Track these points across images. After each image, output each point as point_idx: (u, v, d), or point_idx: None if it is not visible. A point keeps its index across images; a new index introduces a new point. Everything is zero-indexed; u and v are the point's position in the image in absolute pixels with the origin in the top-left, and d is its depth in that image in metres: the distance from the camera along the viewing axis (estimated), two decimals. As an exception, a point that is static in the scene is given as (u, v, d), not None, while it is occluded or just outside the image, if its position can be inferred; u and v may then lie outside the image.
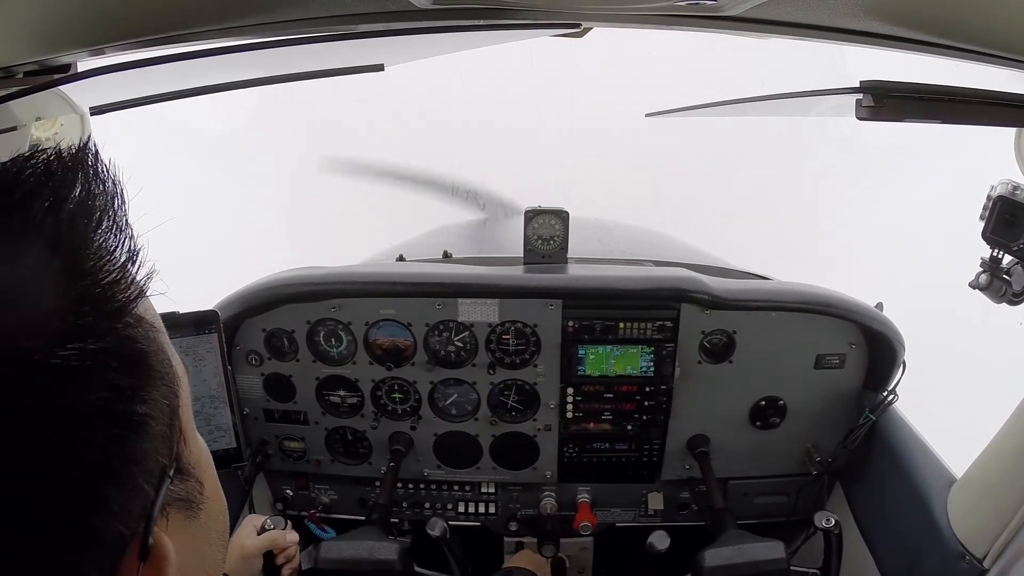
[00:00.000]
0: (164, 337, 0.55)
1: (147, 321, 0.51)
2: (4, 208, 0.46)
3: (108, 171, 0.52)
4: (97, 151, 0.52)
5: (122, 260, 0.50)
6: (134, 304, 0.49)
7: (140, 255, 0.52)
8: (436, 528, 1.85)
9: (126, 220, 0.52)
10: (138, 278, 0.51)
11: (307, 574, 1.78)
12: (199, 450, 0.60)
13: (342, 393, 2.14)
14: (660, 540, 1.80)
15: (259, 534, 1.70)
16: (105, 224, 0.50)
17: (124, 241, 0.51)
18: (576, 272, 2.11)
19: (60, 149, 0.51)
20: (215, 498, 0.62)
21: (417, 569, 1.82)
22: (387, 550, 1.73)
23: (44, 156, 0.50)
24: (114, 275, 0.48)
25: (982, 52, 0.97)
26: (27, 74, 1.02)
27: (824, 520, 1.76)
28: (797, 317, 2.02)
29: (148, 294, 0.52)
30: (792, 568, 1.78)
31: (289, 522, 1.77)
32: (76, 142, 0.53)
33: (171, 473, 0.52)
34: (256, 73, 1.23)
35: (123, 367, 0.47)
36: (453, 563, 1.92)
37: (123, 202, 0.52)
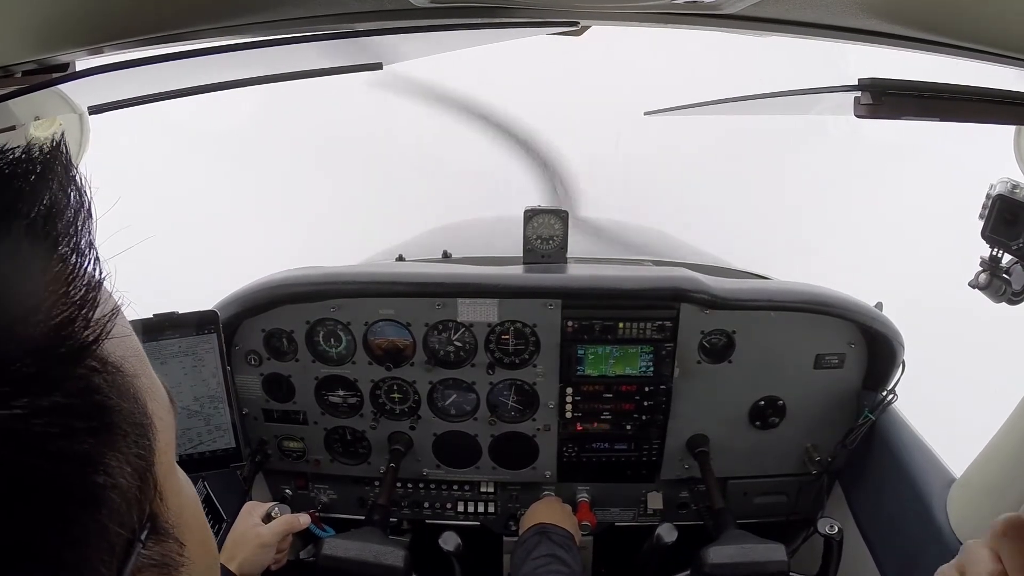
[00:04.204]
0: (140, 379, 0.45)
1: (112, 365, 0.42)
2: None
3: (79, 180, 0.43)
4: (69, 154, 0.43)
5: (81, 292, 0.40)
6: (95, 346, 0.40)
7: (104, 284, 0.42)
8: (450, 543, 1.82)
9: (90, 241, 0.42)
10: (103, 313, 0.41)
11: (303, 565, 1.78)
12: (181, 503, 0.50)
13: (341, 393, 2.14)
14: (668, 532, 1.81)
15: (264, 522, 1.71)
16: (64, 246, 0.40)
17: (86, 267, 0.41)
18: (575, 272, 2.11)
19: (30, 147, 0.41)
20: (202, 553, 0.53)
21: None
22: (393, 556, 1.73)
23: (11, 155, 0.40)
24: (69, 312, 0.39)
25: (981, 50, 0.97)
26: (25, 73, 1.02)
27: (827, 527, 1.76)
28: (796, 317, 2.02)
29: (118, 334, 0.42)
30: (792, 574, 1.77)
31: (289, 508, 1.79)
32: (51, 142, 0.43)
33: (142, 537, 0.43)
34: (255, 72, 1.23)
35: (77, 427, 0.38)
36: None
37: (89, 218, 0.43)
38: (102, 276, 0.43)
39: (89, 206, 0.43)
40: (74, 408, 0.38)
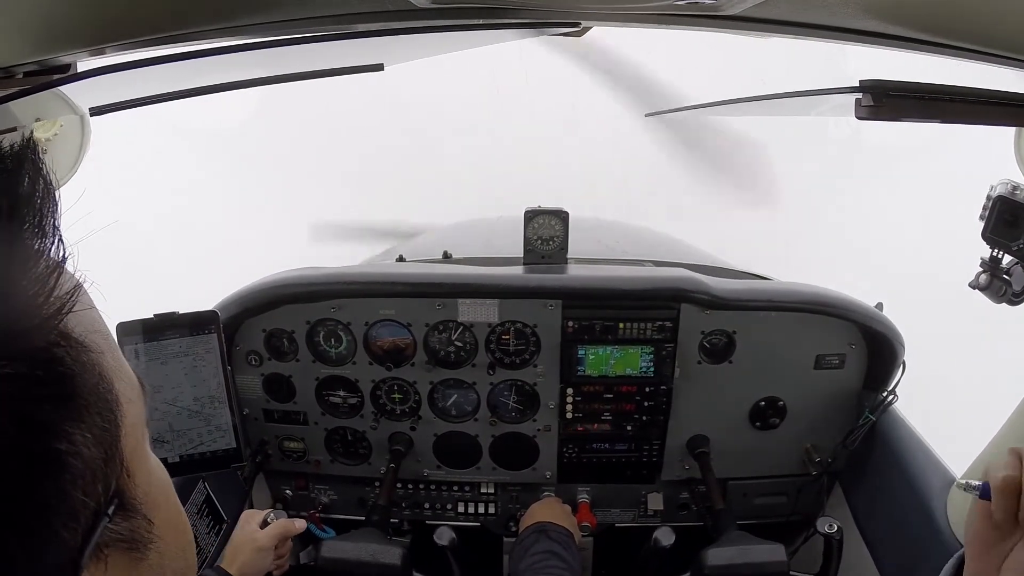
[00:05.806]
0: (105, 357, 0.48)
1: (76, 340, 0.45)
2: None
3: (46, 170, 0.47)
4: (38, 147, 0.48)
5: (43, 269, 0.44)
6: (57, 320, 0.43)
7: (65, 263, 0.46)
8: (444, 538, 1.83)
9: (54, 224, 0.46)
10: (65, 290, 0.44)
11: (305, 570, 1.79)
12: (150, 482, 0.53)
13: (342, 393, 2.14)
14: (666, 536, 1.81)
15: (261, 528, 1.73)
16: (29, 229, 0.44)
17: (49, 248, 0.45)
18: (576, 272, 2.11)
19: (2, 144, 0.46)
20: (172, 533, 0.55)
21: (416, 575, 1.81)
22: (390, 554, 1.73)
23: None
24: (32, 287, 0.42)
25: (982, 51, 0.97)
26: (27, 74, 1.02)
27: (827, 526, 1.76)
28: (797, 317, 2.02)
29: (79, 310, 0.46)
30: (792, 574, 1.77)
31: (285, 513, 1.81)
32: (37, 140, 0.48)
33: (109, 511, 0.46)
34: (256, 73, 1.23)
35: (39, 394, 0.41)
36: (457, 573, 1.91)
37: (54, 203, 0.47)
38: (65, 256, 0.46)
39: (54, 193, 0.47)
40: (36, 377, 0.41)
